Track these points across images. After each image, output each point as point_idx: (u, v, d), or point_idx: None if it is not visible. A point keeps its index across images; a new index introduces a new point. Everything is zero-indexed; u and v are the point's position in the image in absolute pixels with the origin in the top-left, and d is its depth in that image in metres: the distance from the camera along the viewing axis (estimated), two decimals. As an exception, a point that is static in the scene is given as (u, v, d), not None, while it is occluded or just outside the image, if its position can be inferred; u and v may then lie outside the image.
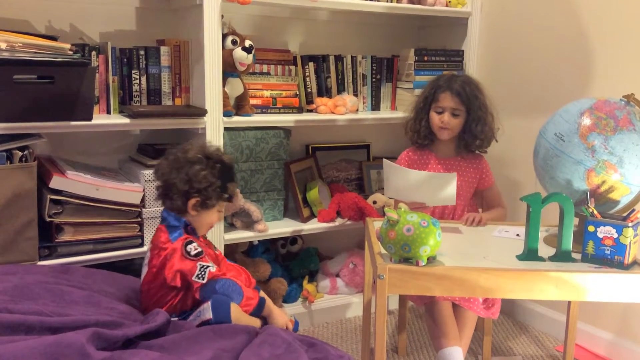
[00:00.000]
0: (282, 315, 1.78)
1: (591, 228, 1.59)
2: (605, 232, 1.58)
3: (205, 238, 1.83)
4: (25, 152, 1.86)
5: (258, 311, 1.71)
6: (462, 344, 1.91)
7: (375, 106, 2.72)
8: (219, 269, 1.68)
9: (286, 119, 2.37)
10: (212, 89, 2.12)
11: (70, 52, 1.87)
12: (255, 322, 1.67)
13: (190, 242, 1.66)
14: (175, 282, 1.64)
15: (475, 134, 2.11)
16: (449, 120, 2.09)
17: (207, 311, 1.60)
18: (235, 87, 2.25)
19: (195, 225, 1.74)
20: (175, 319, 1.66)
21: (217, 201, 1.72)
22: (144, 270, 1.73)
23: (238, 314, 1.63)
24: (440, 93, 2.11)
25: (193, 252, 1.64)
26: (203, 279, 1.62)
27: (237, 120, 2.23)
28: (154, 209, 2.08)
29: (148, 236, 2.08)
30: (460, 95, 2.09)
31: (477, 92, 2.11)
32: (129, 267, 2.15)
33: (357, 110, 2.62)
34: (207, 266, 1.64)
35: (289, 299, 2.47)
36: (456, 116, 2.10)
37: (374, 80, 2.69)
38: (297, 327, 1.85)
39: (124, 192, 2.01)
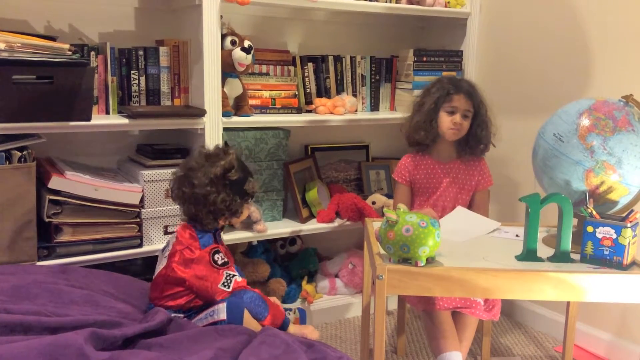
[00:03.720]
0: (304, 329, 1.79)
1: (590, 228, 1.59)
2: (604, 232, 1.58)
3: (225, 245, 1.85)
4: (24, 152, 1.86)
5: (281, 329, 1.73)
6: (462, 348, 1.91)
7: (374, 107, 2.72)
8: (244, 280, 1.71)
9: (285, 120, 2.38)
10: (211, 90, 2.12)
11: (69, 53, 1.87)
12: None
13: (218, 252, 1.70)
14: (192, 286, 1.67)
15: (479, 138, 2.11)
16: (461, 121, 2.09)
17: (221, 312, 1.62)
18: (235, 87, 2.25)
19: (230, 224, 1.85)
20: (181, 315, 1.67)
21: (242, 206, 1.78)
22: (162, 261, 1.75)
23: (249, 319, 1.65)
24: (454, 94, 2.09)
25: (220, 262, 1.69)
26: (228, 287, 1.66)
27: (236, 121, 2.23)
28: (153, 210, 2.08)
29: (147, 237, 2.08)
30: (472, 97, 2.09)
31: (481, 96, 2.12)
32: (129, 267, 2.15)
33: (356, 110, 2.62)
34: (233, 275, 1.68)
35: (288, 299, 2.47)
36: (466, 118, 2.09)
37: (373, 80, 2.69)
38: (304, 317, 1.85)
39: (123, 192, 2.01)
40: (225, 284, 1.65)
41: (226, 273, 1.67)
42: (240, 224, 2.30)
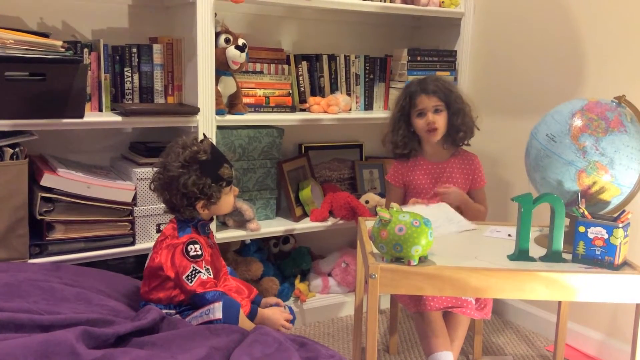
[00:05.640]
0: (275, 316, 1.79)
1: (582, 229, 1.60)
2: (596, 232, 1.58)
3: (213, 242, 1.84)
4: (17, 149, 1.85)
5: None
6: (454, 347, 1.91)
7: (368, 106, 2.72)
8: (212, 279, 1.69)
9: (279, 118, 2.37)
10: (205, 88, 2.12)
11: (62, 49, 1.86)
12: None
13: (194, 243, 1.69)
14: (168, 272, 1.67)
15: (457, 126, 2.12)
16: (434, 119, 2.09)
17: (217, 310, 1.61)
18: (228, 85, 2.25)
19: (214, 214, 1.81)
20: (173, 311, 1.67)
21: (219, 192, 1.73)
22: (150, 255, 1.76)
23: (243, 318, 1.66)
24: (417, 97, 2.11)
25: (192, 253, 1.67)
26: (191, 282, 1.64)
27: (230, 119, 2.23)
28: (145, 207, 2.07)
29: (140, 234, 2.08)
30: (435, 92, 2.10)
31: (449, 86, 2.13)
32: (121, 265, 2.15)
33: (350, 109, 2.62)
34: (199, 271, 1.66)
35: (280, 298, 2.46)
36: (439, 112, 2.10)
37: (367, 79, 2.69)
38: (292, 313, 1.86)
39: (116, 190, 2.00)
40: (189, 277, 1.64)
41: (193, 267, 1.65)
42: (233, 222, 2.30)
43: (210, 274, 1.69)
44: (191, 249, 1.67)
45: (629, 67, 2.11)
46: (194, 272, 1.65)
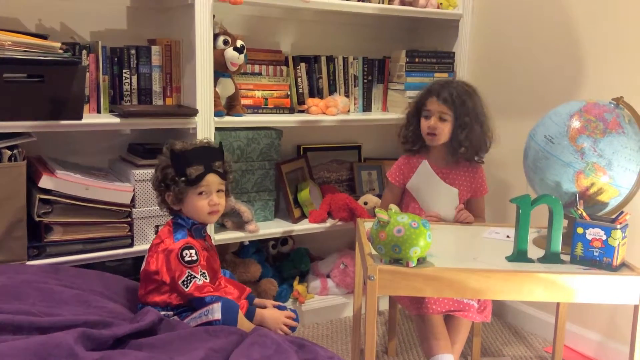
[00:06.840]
0: (275, 317, 1.79)
1: (580, 230, 1.60)
2: (594, 234, 1.59)
3: (210, 244, 1.84)
4: (15, 151, 1.84)
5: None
6: (454, 350, 1.91)
7: (367, 107, 2.72)
8: (208, 284, 1.69)
9: (277, 120, 2.37)
10: (203, 89, 2.12)
11: (61, 51, 1.86)
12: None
13: (189, 248, 1.69)
14: (164, 277, 1.68)
15: (459, 140, 2.05)
16: (435, 125, 2.05)
17: (216, 311, 1.62)
18: (227, 87, 2.25)
19: (192, 217, 1.75)
20: (171, 313, 1.67)
21: (185, 190, 1.71)
22: (145, 258, 1.77)
23: (242, 319, 1.66)
24: (429, 97, 2.08)
25: (187, 259, 1.67)
26: (187, 287, 1.65)
27: (228, 121, 2.23)
28: (144, 209, 2.07)
29: (138, 236, 2.07)
30: (446, 100, 2.03)
31: (466, 98, 2.04)
32: (120, 267, 2.14)
33: (349, 111, 2.62)
34: (194, 277, 1.66)
35: (279, 299, 2.47)
36: (444, 121, 2.05)
37: (365, 81, 2.70)
38: (296, 316, 1.86)
39: (114, 191, 2.00)
40: (185, 283, 1.65)
41: (188, 272, 1.66)
42: (231, 224, 2.30)
43: (206, 278, 1.69)
44: (186, 254, 1.67)
45: (627, 68, 2.12)
46: (189, 278, 1.66)
